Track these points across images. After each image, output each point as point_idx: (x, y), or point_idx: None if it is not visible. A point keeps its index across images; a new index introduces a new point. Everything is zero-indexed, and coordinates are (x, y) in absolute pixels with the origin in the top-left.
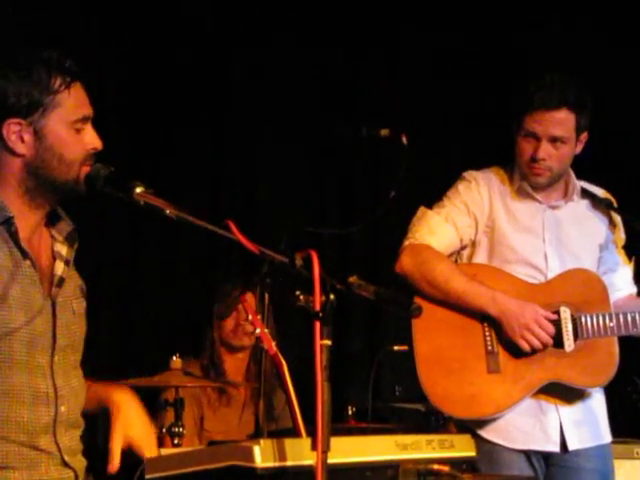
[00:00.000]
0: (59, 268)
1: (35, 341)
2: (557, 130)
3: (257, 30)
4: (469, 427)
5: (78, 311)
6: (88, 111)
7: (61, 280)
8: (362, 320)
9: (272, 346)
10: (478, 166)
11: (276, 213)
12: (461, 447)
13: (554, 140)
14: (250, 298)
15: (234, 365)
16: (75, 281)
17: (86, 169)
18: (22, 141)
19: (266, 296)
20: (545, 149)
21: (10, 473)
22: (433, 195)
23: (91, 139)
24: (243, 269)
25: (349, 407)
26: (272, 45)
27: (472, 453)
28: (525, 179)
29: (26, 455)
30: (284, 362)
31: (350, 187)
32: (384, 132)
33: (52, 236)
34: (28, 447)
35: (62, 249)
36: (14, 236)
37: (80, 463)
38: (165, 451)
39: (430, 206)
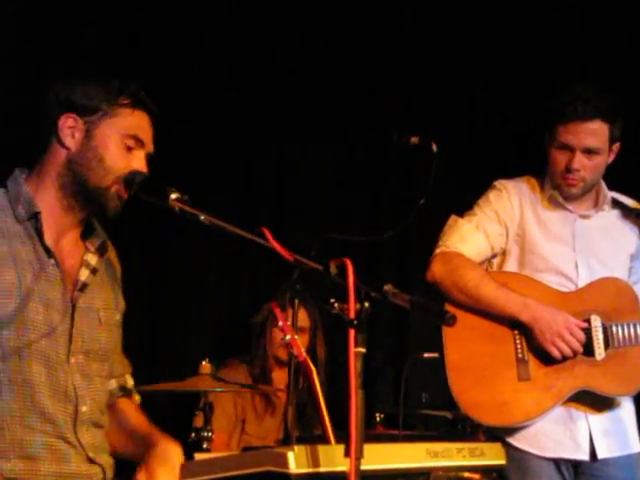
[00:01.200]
0: (83, 274)
1: (55, 338)
2: (591, 141)
3: (285, 31)
4: (498, 435)
5: (106, 321)
6: (145, 137)
7: (84, 285)
8: (388, 327)
9: (301, 352)
10: (508, 174)
11: (305, 220)
12: (491, 455)
13: (588, 151)
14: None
15: (281, 377)
16: (107, 293)
17: (120, 188)
18: (72, 136)
19: (296, 302)
20: (579, 160)
21: (40, 464)
22: (463, 203)
23: (138, 164)
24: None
25: (377, 414)
26: (303, 49)
27: (502, 461)
28: (558, 189)
29: (56, 446)
30: (314, 368)
31: (380, 194)
32: (414, 139)
33: (86, 247)
34: (57, 438)
35: (92, 259)
36: (39, 232)
37: (108, 460)
38: (199, 456)
39: (461, 214)
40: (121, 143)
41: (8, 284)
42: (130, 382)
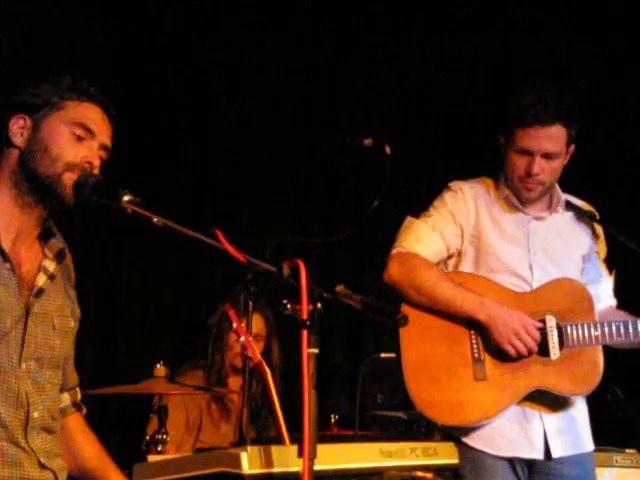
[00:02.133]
0: (40, 280)
1: (5, 343)
2: (551, 146)
3: (240, 31)
4: (453, 435)
5: (60, 328)
6: (94, 127)
7: (40, 291)
8: (343, 328)
9: (256, 354)
10: (461, 175)
11: (260, 222)
12: (444, 454)
13: (547, 155)
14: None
15: (236, 382)
16: (63, 299)
17: (72, 176)
18: (21, 135)
19: (250, 304)
20: (539, 164)
21: None
22: (417, 204)
23: (89, 153)
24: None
25: (332, 415)
26: (259, 50)
27: (455, 460)
28: (516, 193)
29: (7, 451)
30: (268, 370)
31: (334, 196)
32: (367, 141)
33: (44, 253)
34: (8, 442)
35: (50, 265)
36: None
37: (60, 465)
38: (152, 458)
39: (416, 215)
40: (68, 132)
41: None
42: (79, 395)
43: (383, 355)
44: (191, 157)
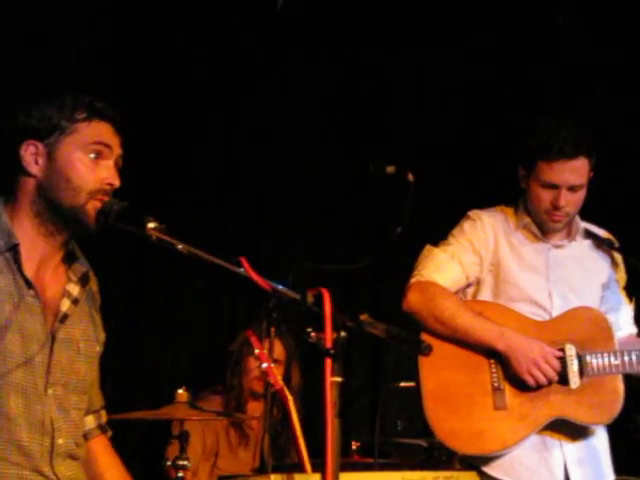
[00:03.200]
0: (65, 305)
1: (33, 370)
2: (576, 178)
3: (265, 59)
4: (474, 464)
5: (86, 353)
6: (108, 142)
7: (64, 316)
8: (364, 357)
9: (278, 380)
10: (483, 205)
11: (282, 250)
12: None
13: (572, 188)
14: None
15: (256, 408)
16: (88, 324)
17: (96, 204)
18: (36, 162)
19: (272, 330)
20: (565, 197)
21: None
22: (438, 233)
23: (108, 174)
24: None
25: (353, 442)
26: (283, 78)
27: None
28: (540, 223)
29: (29, 479)
30: (290, 396)
31: (357, 224)
32: (390, 169)
33: (68, 276)
34: (31, 471)
35: (74, 289)
36: (18, 264)
37: None
38: None
39: (436, 244)
40: (85, 157)
41: None
42: (105, 418)
43: (402, 384)
44: (213, 185)
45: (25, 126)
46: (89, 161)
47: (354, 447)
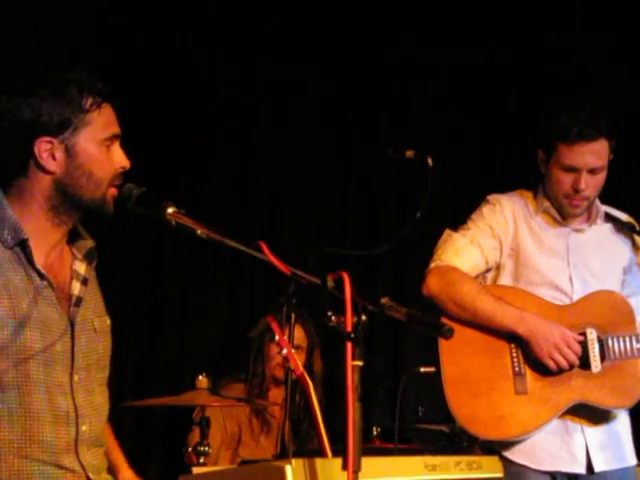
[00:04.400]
0: (76, 288)
1: (54, 361)
2: (596, 161)
3: (278, 45)
4: (494, 449)
5: (100, 329)
6: (117, 130)
7: (79, 300)
8: (384, 341)
9: (298, 366)
10: (503, 189)
11: (301, 234)
12: (488, 468)
13: (592, 170)
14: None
15: (277, 395)
16: (96, 299)
17: (113, 190)
18: (54, 159)
19: (292, 316)
20: (585, 180)
21: None
22: (457, 217)
23: (119, 158)
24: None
25: (374, 428)
26: (298, 64)
27: (499, 474)
28: (560, 207)
29: (50, 474)
30: (310, 382)
31: (376, 208)
32: (409, 153)
33: (72, 253)
34: (52, 466)
35: (80, 267)
36: (29, 258)
37: (106, 479)
38: (197, 470)
39: (455, 228)
40: (102, 148)
41: (3, 316)
42: None
43: (423, 369)
44: (232, 169)
45: (35, 123)
46: (106, 151)
47: (375, 433)
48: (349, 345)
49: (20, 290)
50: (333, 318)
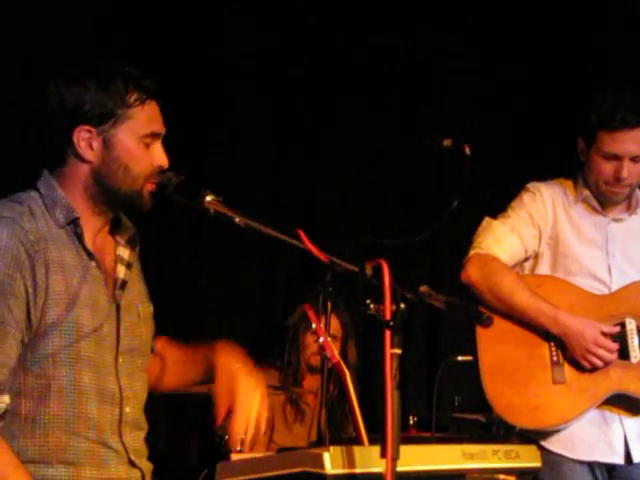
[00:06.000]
0: (121, 271)
1: (102, 340)
2: (638, 149)
3: (314, 34)
4: (532, 438)
5: (144, 315)
6: (159, 128)
7: (124, 283)
8: (421, 330)
9: (335, 354)
10: (541, 177)
11: (338, 223)
12: (526, 458)
13: (634, 158)
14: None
15: (312, 383)
16: (140, 285)
17: (151, 186)
18: (91, 148)
19: (328, 304)
20: (628, 168)
21: (82, 470)
22: (495, 206)
23: (159, 156)
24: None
25: (410, 416)
26: (334, 52)
27: (537, 464)
28: (601, 196)
29: (97, 452)
30: (347, 371)
31: (413, 197)
32: (447, 142)
33: (115, 240)
34: (99, 444)
35: (124, 253)
36: (80, 237)
37: (147, 465)
38: (236, 456)
39: (494, 216)
40: (141, 144)
41: (58, 292)
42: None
43: (460, 358)
44: (269, 157)
45: (77, 111)
46: (144, 147)
47: (411, 422)
48: (388, 333)
49: (72, 267)
50: (372, 306)
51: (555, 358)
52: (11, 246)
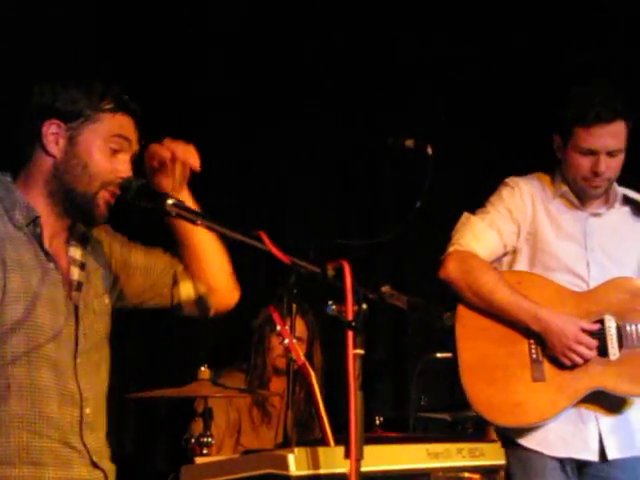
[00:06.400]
0: (75, 273)
1: (60, 342)
2: (615, 143)
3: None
4: (506, 435)
5: (100, 309)
6: (129, 140)
7: (79, 285)
8: (385, 329)
9: (300, 356)
10: (503, 175)
11: (303, 224)
12: (491, 456)
13: (611, 153)
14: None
15: (279, 385)
16: (97, 281)
17: (107, 195)
18: (57, 143)
19: (293, 306)
20: (604, 163)
21: (45, 470)
22: (459, 205)
23: (123, 167)
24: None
25: (377, 417)
26: (300, 52)
27: (502, 461)
28: (579, 191)
29: (60, 452)
30: (312, 372)
31: (377, 197)
32: (409, 142)
33: (67, 241)
34: (61, 444)
35: (75, 253)
36: (39, 238)
37: (110, 466)
38: (200, 460)
39: (472, 212)
40: (105, 148)
41: (16, 290)
42: None
43: (439, 355)
44: (235, 159)
45: (51, 106)
46: (108, 152)
47: (377, 422)
48: (350, 334)
49: (30, 268)
50: (334, 307)
51: (535, 356)
52: None
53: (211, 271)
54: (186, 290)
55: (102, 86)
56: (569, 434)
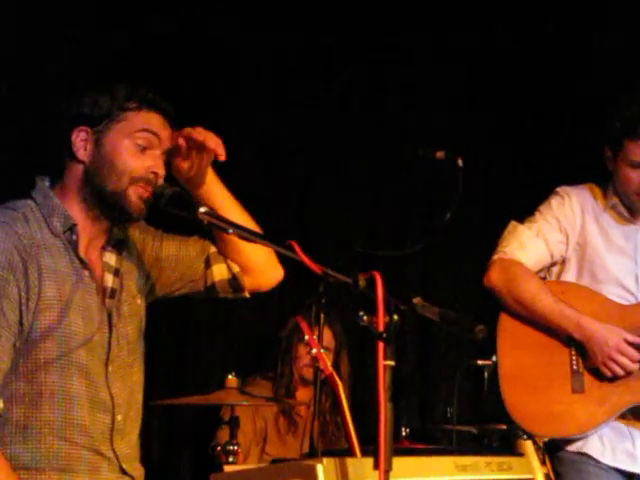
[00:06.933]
0: (108, 280)
1: (92, 349)
2: None
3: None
4: (555, 443)
5: (130, 312)
6: (158, 132)
7: (113, 292)
8: (414, 341)
9: (328, 366)
10: (532, 186)
11: (332, 234)
12: (519, 469)
13: None
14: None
15: (305, 395)
16: (130, 285)
17: (140, 190)
18: (85, 149)
19: (321, 316)
20: None
21: (74, 477)
22: (490, 218)
23: (153, 162)
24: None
25: (403, 428)
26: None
27: (530, 475)
28: (630, 204)
29: (89, 459)
30: (339, 382)
31: (407, 208)
32: (440, 154)
33: (102, 247)
34: (90, 451)
35: (110, 259)
36: (75, 245)
37: (138, 471)
38: (228, 468)
39: (520, 220)
40: (131, 145)
41: (50, 297)
42: None
43: (480, 362)
44: (263, 167)
45: (78, 113)
46: (135, 148)
47: (404, 433)
48: (381, 345)
49: (65, 275)
50: (365, 318)
51: (575, 367)
52: (5, 249)
53: (246, 252)
54: (219, 271)
55: (127, 87)
56: (617, 444)
